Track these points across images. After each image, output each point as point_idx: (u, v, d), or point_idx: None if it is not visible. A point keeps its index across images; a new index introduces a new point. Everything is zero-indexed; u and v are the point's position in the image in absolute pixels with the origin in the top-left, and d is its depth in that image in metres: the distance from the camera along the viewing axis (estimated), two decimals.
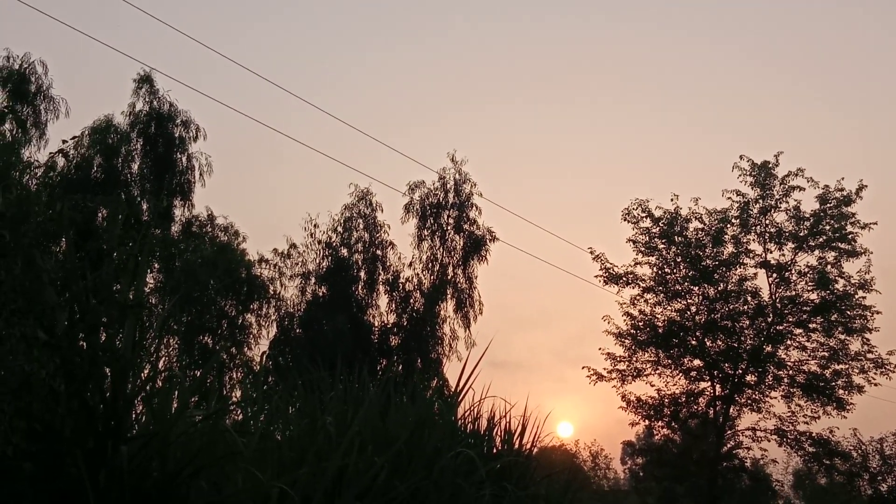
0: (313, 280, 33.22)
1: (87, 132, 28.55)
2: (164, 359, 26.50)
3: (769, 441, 30.12)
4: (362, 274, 33.60)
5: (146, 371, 6.05)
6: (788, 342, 29.45)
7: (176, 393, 6.35)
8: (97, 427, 5.34)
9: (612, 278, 30.24)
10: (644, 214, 29.90)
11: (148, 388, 5.98)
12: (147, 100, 29.75)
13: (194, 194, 30.11)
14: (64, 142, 7.67)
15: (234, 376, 28.56)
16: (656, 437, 32.83)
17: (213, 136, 30.88)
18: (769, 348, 29.31)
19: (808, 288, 28.94)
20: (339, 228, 33.79)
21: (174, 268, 27.19)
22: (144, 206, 28.25)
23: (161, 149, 29.35)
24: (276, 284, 32.55)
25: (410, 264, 34.35)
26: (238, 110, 30.60)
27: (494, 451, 10.24)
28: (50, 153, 27.59)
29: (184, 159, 29.93)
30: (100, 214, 23.19)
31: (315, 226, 33.70)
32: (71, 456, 5.23)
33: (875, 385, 29.35)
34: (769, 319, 29.11)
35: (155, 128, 29.50)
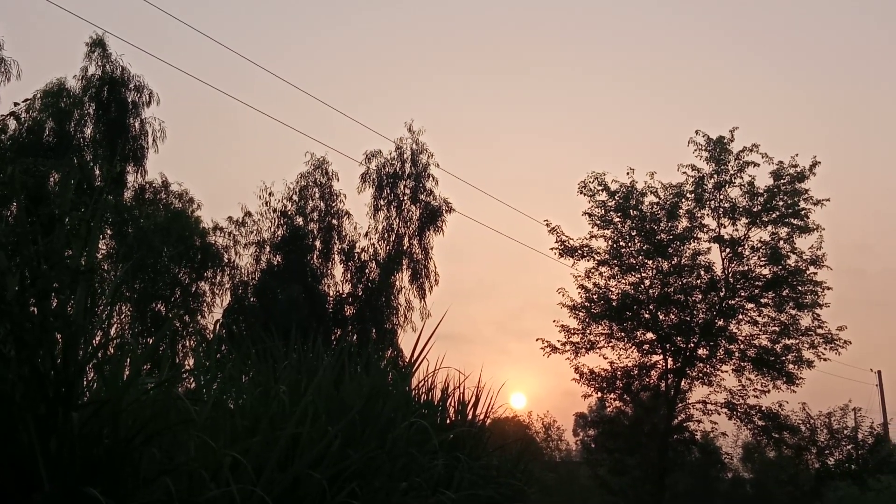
0: (268, 249, 33.10)
1: (39, 95, 28.19)
2: (115, 326, 26.37)
3: (719, 414, 30.43)
4: (318, 243, 33.51)
5: (98, 338, 6.00)
6: (740, 316, 29.68)
7: (128, 360, 6.30)
8: (48, 393, 5.29)
9: (568, 251, 30.29)
10: (600, 188, 29.94)
11: (100, 354, 5.92)
12: (100, 64, 29.39)
13: (147, 160, 29.89)
14: (16, 104, 7.55)
15: (187, 344, 28.43)
16: (608, 410, 33.04)
17: (167, 101, 30.65)
18: (721, 322, 29.53)
19: (761, 263, 29.17)
20: (295, 197, 33.67)
21: (127, 234, 26.96)
22: (97, 172, 27.96)
23: (114, 113, 29.03)
24: (231, 252, 32.43)
25: (366, 234, 34.36)
26: (192, 75, 30.34)
27: (448, 421, 10.29)
28: (1, 116, 27.20)
29: (137, 124, 29.62)
30: (51, 179, 22.98)
31: (270, 194, 33.57)
32: (21, 422, 5.18)
33: (824, 360, 29.70)
34: (721, 294, 29.33)
35: (108, 92, 29.16)
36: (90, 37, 29.22)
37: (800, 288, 28.92)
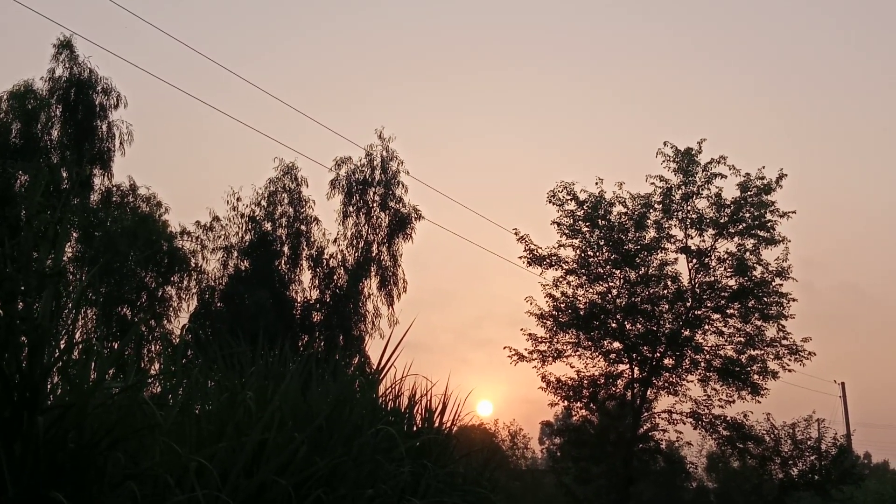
0: (235, 254, 32.94)
1: (5, 97, 27.95)
2: (81, 330, 26.17)
3: (685, 424, 30.60)
4: (286, 249, 33.40)
5: (63, 341, 5.96)
6: (706, 327, 29.86)
7: (93, 364, 6.26)
8: (13, 397, 5.25)
9: (536, 260, 30.37)
10: (569, 197, 30.05)
11: (65, 358, 5.88)
12: (67, 66, 29.13)
13: (114, 163, 29.63)
14: None
15: (153, 349, 28.28)
16: (574, 418, 33.13)
17: (135, 104, 30.41)
18: (687, 332, 29.69)
19: (727, 274, 29.37)
20: (263, 202, 33.55)
21: (93, 237, 26.80)
22: (64, 174, 27.76)
23: (81, 116, 28.78)
24: (198, 257, 32.26)
25: (335, 240, 34.29)
26: (161, 78, 30.20)
27: (415, 428, 10.28)
28: None
29: (104, 127, 29.35)
30: (18, 181, 22.80)
31: (238, 199, 33.43)
32: None
33: (789, 371, 29.96)
34: (688, 304, 29.50)
35: (75, 94, 28.92)
36: (57, 38, 29.00)
37: (765, 299, 29.14)
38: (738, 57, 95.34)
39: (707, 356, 29.89)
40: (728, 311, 29.60)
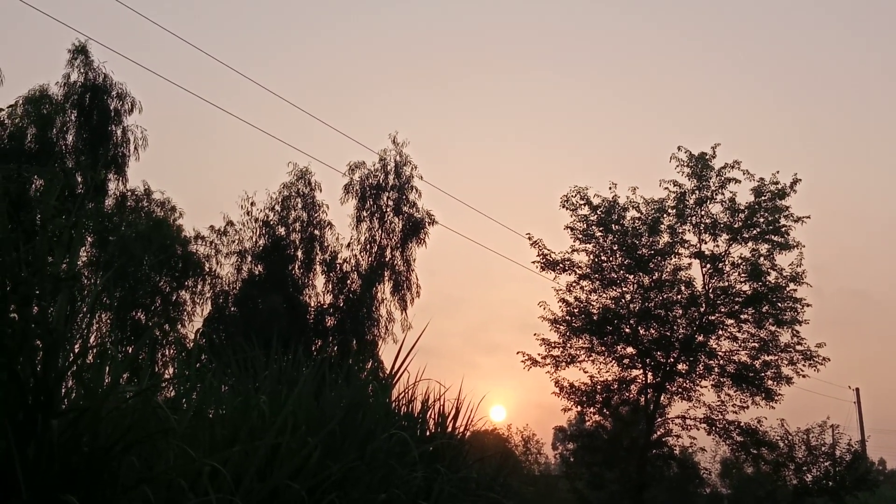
0: (249, 258, 32.99)
1: (21, 102, 28.05)
2: (95, 334, 26.24)
3: (698, 429, 30.50)
4: (299, 253, 33.42)
5: (78, 345, 5.97)
6: (720, 332, 29.74)
7: (108, 368, 6.28)
8: (27, 400, 5.26)
9: (549, 265, 30.34)
10: (582, 202, 30.00)
11: (79, 362, 5.90)
12: (82, 71, 29.25)
13: (129, 168, 29.73)
14: (0, 110, 7.55)
15: (167, 353, 28.33)
16: (588, 424, 33.06)
17: (149, 109, 30.49)
18: (701, 338, 29.59)
19: (741, 279, 29.24)
20: (277, 207, 33.58)
21: (108, 242, 26.89)
22: (79, 179, 27.86)
23: (96, 121, 28.88)
24: (212, 261, 32.35)
25: (348, 245, 34.28)
26: (176, 83, 30.23)
27: (428, 433, 10.27)
28: None
29: (119, 132, 29.45)
30: (34, 185, 22.88)
31: (252, 204, 33.49)
32: (0, 428, 5.16)
33: (803, 377, 29.83)
34: (702, 309, 29.38)
35: (90, 99, 29.01)
36: (73, 43, 29.09)
37: (779, 304, 28.99)
38: (753, 62, 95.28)
39: (721, 361, 29.79)
40: (742, 316, 29.48)
